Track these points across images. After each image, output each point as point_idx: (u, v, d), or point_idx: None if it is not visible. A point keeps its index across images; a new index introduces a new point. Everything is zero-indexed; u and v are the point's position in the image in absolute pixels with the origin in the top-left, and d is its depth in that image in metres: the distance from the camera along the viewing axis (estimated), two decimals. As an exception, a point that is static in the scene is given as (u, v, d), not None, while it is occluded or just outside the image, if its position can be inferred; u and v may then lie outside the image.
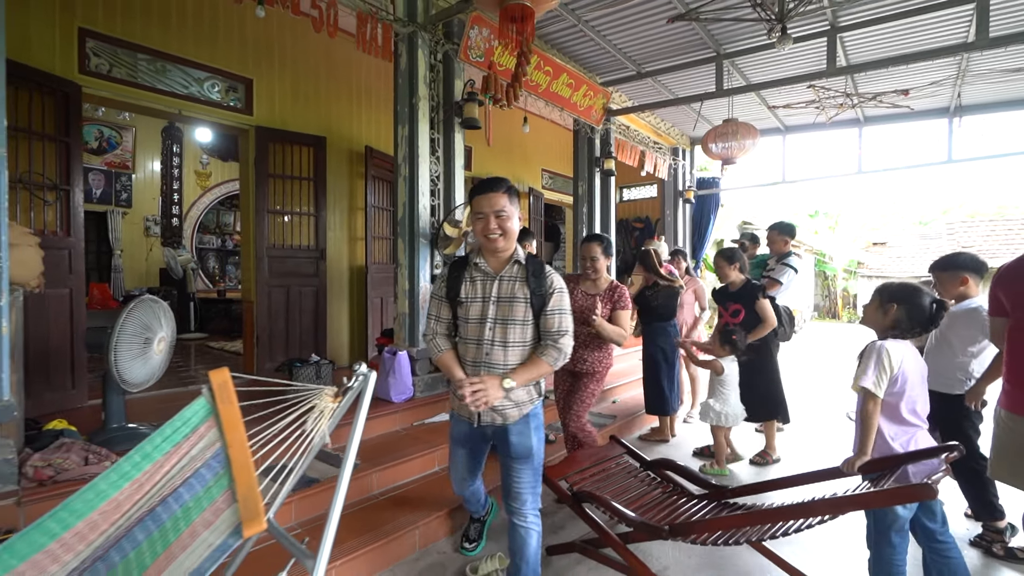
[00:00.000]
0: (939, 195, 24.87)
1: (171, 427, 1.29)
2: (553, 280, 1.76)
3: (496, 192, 1.72)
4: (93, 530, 1.15)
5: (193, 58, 3.91)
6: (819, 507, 1.48)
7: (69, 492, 1.99)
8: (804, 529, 1.57)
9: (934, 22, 4.08)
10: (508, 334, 1.74)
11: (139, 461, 1.24)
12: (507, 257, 1.78)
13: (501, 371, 1.73)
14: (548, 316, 1.74)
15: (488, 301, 1.76)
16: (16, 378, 2.20)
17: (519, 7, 2.30)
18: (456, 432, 1.94)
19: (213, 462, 1.26)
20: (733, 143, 5.16)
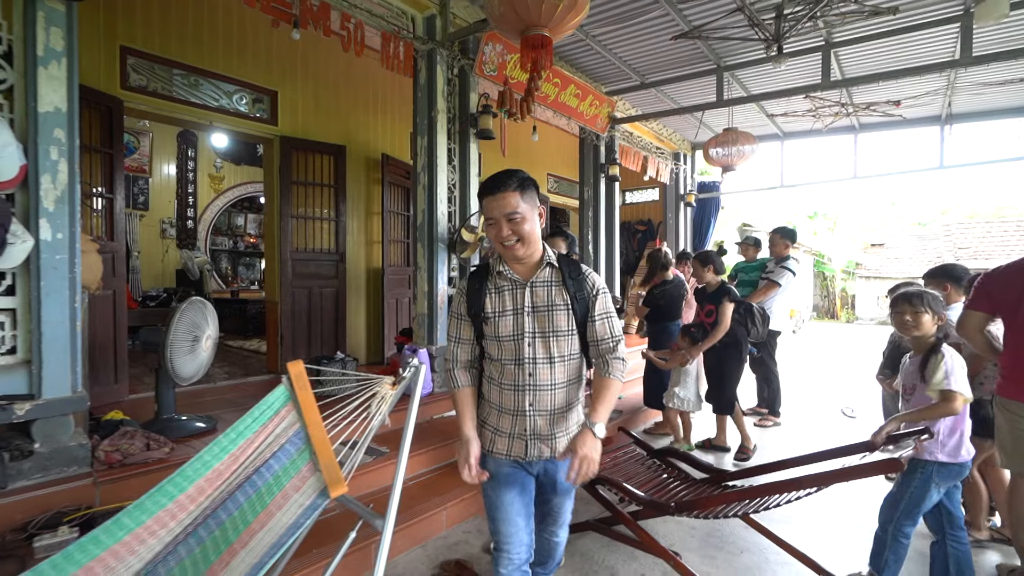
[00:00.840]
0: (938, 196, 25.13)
1: (258, 410, 1.53)
2: (595, 281, 1.52)
3: (505, 191, 1.41)
4: (201, 493, 1.40)
5: (223, 72, 4.15)
6: (807, 481, 1.71)
7: (137, 474, 2.25)
8: (794, 501, 1.81)
9: (922, 39, 4.32)
10: (553, 348, 1.48)
11: (234, 438, 1.48)
12: (536, 261, 1.51)
13: (550, 391, 1.49)
14: (597, 323, 1.49)
15: (522, 313, 1.48)
16: (83, 373, 2.44)
17: (539, 36, 2.53)
18: (498, 473, 1.54)
19: (295, 438, 1.49)
20: (733, 151, 5.39)
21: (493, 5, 2.52)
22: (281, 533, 1.33)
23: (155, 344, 2.71)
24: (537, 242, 1.49)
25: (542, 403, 1.50)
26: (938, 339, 2.01)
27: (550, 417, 1.51)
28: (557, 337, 1.49)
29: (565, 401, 1.53)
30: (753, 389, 5.02)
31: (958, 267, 2.90)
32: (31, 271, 2.18)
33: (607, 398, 1.47)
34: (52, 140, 2.20)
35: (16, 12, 2.18)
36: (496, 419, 1.56)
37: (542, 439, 1.51)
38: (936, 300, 2.04)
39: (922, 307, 2.00)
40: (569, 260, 1.54)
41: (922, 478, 1.94)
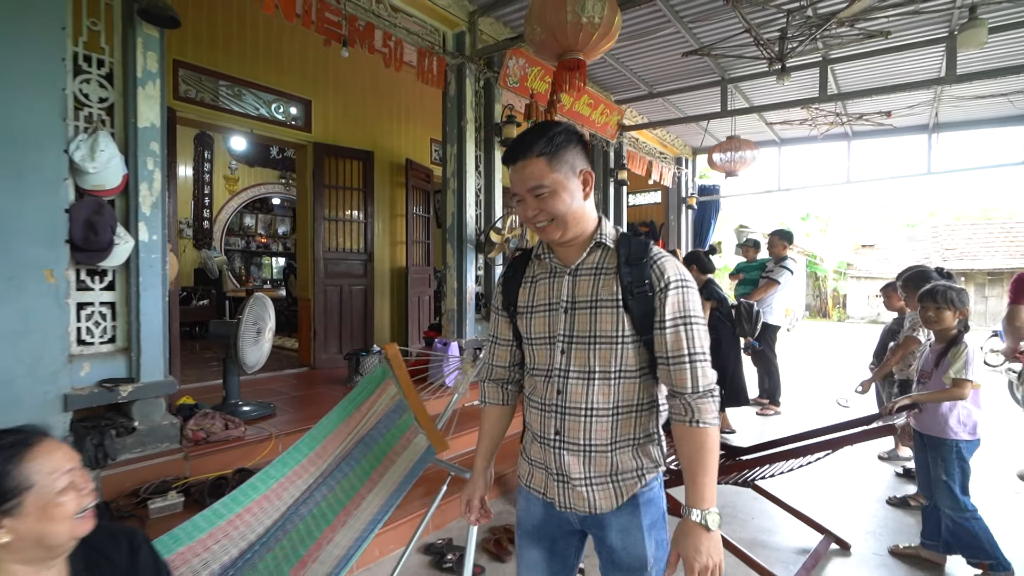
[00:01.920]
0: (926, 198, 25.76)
1: (362, 385, 1.84)
2: (664, 268, 1.04)
3: (527, 159, 1.05)
4: (325, 450, 1.71)
5: (263, 83, 4.42)
6: (818, 446, 2.03)
7: (219, 450, 2.53)
8: (805, 466, 2.13)
9: (911, 58, 4.69)
10: (593, 359, 1.06)
11: (347, 406, 1.79)
12: (584, 242, 1.11)
13: (584, 418, 1.07)
14: (667, 331, 1.03)
15: (556, 309, 1.10)
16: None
17: (574, 60, 2.84)
18: (526, 518, 1.20)
19: (397, 407, 1.79)
20: (736, 157, 5.74)
21: (535, 32, 2.82)
22: (400, 481, 1.62)
23: (224, 336, 2.99)
24: (582, 220, 1.08)
25: (572, 433, 1.07)
26: (959, 331, 2.25)
27: (584, 456, 1.07)
28: (598, 344, 1.05)
29: (610, 437, 1.06)
30: (755, 380, 5.36)
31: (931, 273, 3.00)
32: (130, 269, 2.46)
33: (704, 462, 0.99)
34: (149, 152, 2.48)
35: (116, 38, 2.46)
36: (530, 447, 1.18)
37: (572, 485, 1.08)
38: (959, 295, 2.27)
39: (944, 303, 2.25)
40: (633, 239, 1.10)
41: (957, 457, 2.22)
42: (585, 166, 1.09)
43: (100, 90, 2.40)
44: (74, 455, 0.96)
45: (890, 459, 3.76)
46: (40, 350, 2.14)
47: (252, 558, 1.46)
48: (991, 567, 2.16)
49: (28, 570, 0.90)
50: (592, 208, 1.13)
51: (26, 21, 2.08)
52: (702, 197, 8.56)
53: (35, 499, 0.87)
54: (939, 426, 2.25)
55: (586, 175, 1.09)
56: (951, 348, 2.24)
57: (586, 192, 1.09)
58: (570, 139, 1.07)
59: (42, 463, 0.89)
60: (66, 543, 0.92)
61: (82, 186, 2.30)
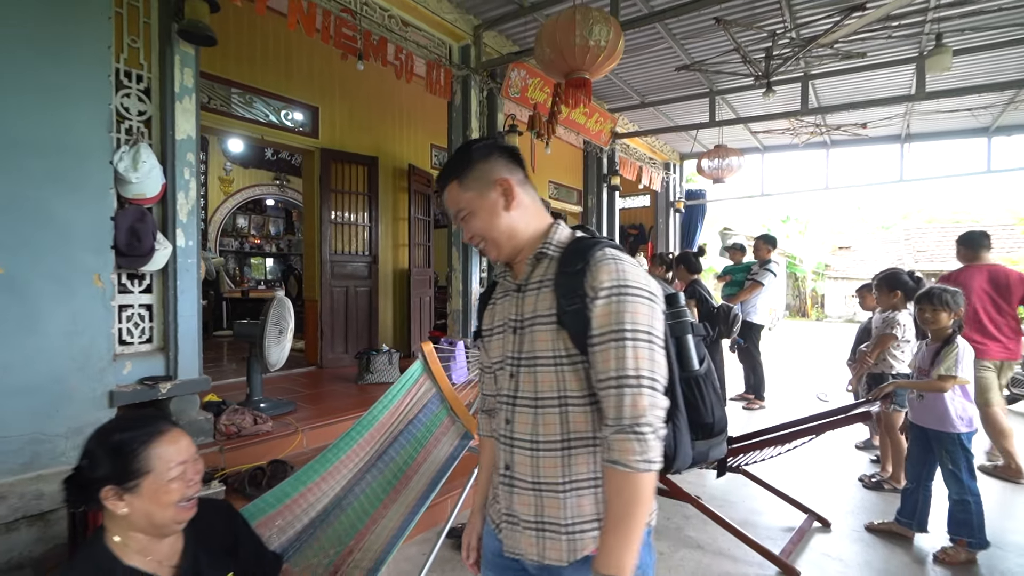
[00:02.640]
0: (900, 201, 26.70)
1: (402, 380, 2.04)
2: (599, 272, 0.87)
3: (446, 185, 1.00)
4: (372, 437, 1.90)
5: (273, 90, 4.55)
6: (805, 431, 2.29)
7: (251, 443, 2.69)
8: (792, 450, 2.38)
9: (885, 76, 5.04)
10: (537, 384, 0.93)
11: (390, 399, 1.99)
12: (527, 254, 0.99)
13: (531, 452, 0.93)
14: (594, 347, 0.86)
15: (507, 330, 0.99)
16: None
17: (581, 79, 3.06)
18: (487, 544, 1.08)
19: (434, 399, 2.00)
20: (723, 164, 6.04)
21: (544, 52, 3.04)
22: (441, 464, 1.82)
23: (250, 336, 3.15)
24: (516, 233, 0.98)
25: (521, 468, 0.94)
26: (953, 331, 2.45)
27: (534, 496, 0.92)
28: (539, 366, 0.93)
29: (562, 475, 0.90)
30: (741, 377, 5.66)
31: (903, 276, 3.29)
32: (168, 272, 2.61)
33: (616, 513, 0.82)
34: (185, 163, 2.63)
35: (154, 55, 2.60)
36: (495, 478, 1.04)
37: (516, 526, 0.95)
38: (953, 297, 2.46)
39: (940, 305, 2.46)
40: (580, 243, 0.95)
41: (960, 447, 2.44)
42: (503, 174, 0.97)
43: (139, 104, 2.55)
44: (191, 448, 1.10)
45: (866, 448, 4.07)
46: (89, 349, 2.29)
47: (316, 532, 1.65)
48: (970, 544, 2.41)
49: (147, 537, 1.05)
50: (533, 217, 1.00)
51: (81, 42, 2.22)
52: (689, 201, 8.89)
53: (151, 482, 1.01)
54: (942, 421, 2.46)
55: (505, 183, 0.96)
56: (945, 347, 2.44)
57: (509, 203, 0.96)
58: (483, 153, 0.98)
59: (163, 451, 1.04)
60: (171, 524, 1.05)
61: (124, 195, 2.44)
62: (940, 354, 2.46)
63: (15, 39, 2.07)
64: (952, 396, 2.45)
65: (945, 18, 3.85)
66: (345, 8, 3.44)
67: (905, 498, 2.69)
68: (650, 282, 0.90)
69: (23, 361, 2.12)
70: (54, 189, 2.17)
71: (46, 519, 2.13)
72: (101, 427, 1.07)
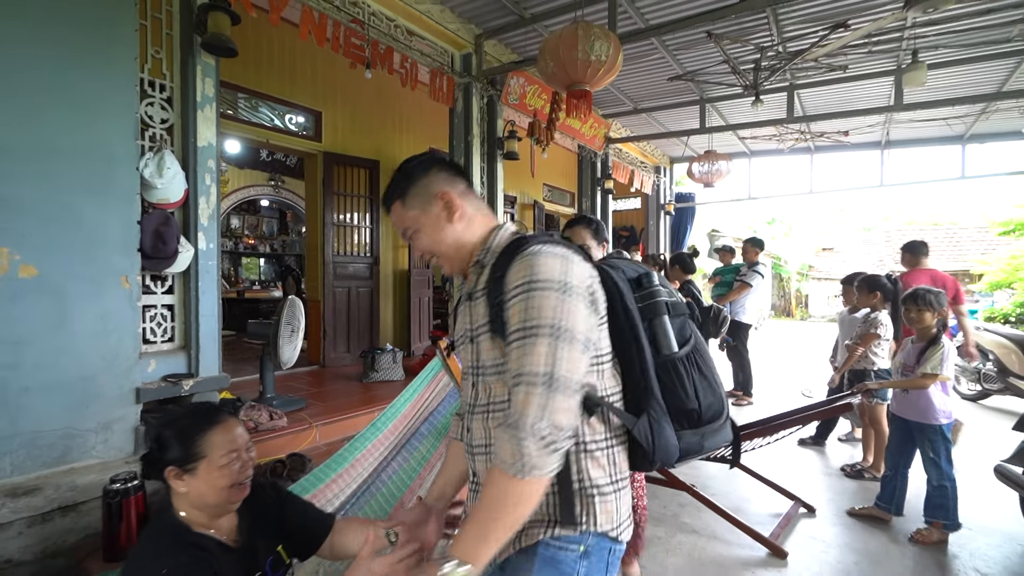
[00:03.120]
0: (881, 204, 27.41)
1: (421, 376, 2.19)
2: (510, 271, 0.87)
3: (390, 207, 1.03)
4: (396, 428, 2.05)
5: (277, 95, 4.65)
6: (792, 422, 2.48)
7: (267, 437, 2.83)
8: (781, 439, 2.57)
9: (866, 87, 5.30)
10: (490, 392, 0.95)
11: (411, 394, 2.14)
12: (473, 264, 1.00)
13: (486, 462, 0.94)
14: (509, 347, 0.85)
15: (464, 340, 1.02)
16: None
17: (582, 91, 3.23)
18: None
19: (452, 393, 2.15)
20: (713, 169, 6.26)
21: (548, 65, 3.20)
22: (462, 451, 1.97)
23: (262, 335, 3.26)
24: (462, 246, 0.98)
25: (482, 475, 0.96)
26: (938, 331, 2.62)
27: None
28: (485, 375, 0.95)
29: None
30: (729, 374, 5.88)
31: (881, 279, 3.52)
32: (190, 274, 2.72)
33: (485, 505, 0.82)
34: (207, 168, 2.74)
35: (176, 65, 2.71)
36: None
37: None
38: (936, 298, 2.63)
39: (925, 306, 2.63)
40: (507, 249, 0.92)
41: (942, 436, 2.64)
42: (443, 187, 0.97)
43: (162, 112, 2.65)
44: (243, 437, 1.20)
45: (848, 441, 4.30)
46: (117, 348, 2.39)
47: (347, 515, 1.79)
48: (945, 526, 2.62)
49: (206, 514, 1.16)
50: (479, 225, 0.99)
51: (111, 55, 2.33)
52: (679, 204, 9.13)
53: (206, 466, 1.12)
54: (926, 414, 2.65)
55: (446, 196, 0.96)
56: (931, 346, 2.61)
57: (451, 215, 0.96)
58: (421, 169, 0.99)
59: (217, 440, 1.14)
60: (224, 505, 1.15)
61: (149, 200, 2.55)
62: (926, 353, 2.63)
63: (53, 55, 2.17)
64: (935, 391, 2.64)
65: (921, 35, 4.09)
66: (354, 19, 3.56)
67: (885, 484, 2.89)
68: (568, 272, 0.83)
69: (56, 359, 2.22)
70: (85, 195, 2.28)
71: (78, 510, 2.23)
72: (169, 413, 1.21)
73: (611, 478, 0.92)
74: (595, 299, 0.89)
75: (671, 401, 0.93)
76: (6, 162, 2.07)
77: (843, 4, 3.79)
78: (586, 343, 0.85)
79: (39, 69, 2.14)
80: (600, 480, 0.91)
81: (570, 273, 0.85)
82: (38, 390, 2.17)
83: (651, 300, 0.98)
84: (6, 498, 2.03)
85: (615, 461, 0.93)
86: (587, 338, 0.85)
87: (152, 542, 1.15)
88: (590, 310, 0.87)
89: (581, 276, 0.87)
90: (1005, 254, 9.64)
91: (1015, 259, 9.12)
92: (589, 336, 0.86)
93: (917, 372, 2.66)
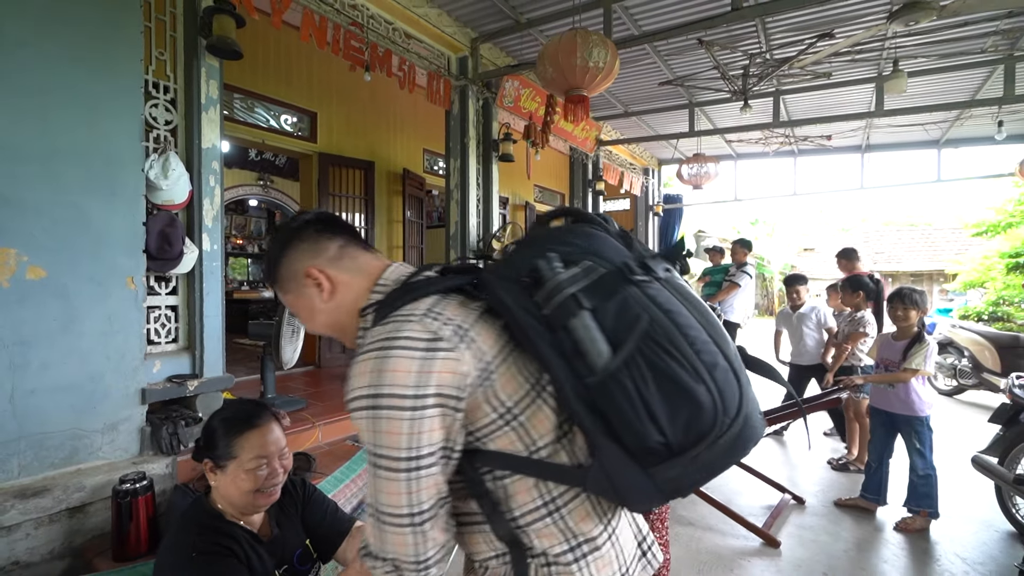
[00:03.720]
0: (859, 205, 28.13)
1: None
2: (351, 372, 0.70)
3: (279, 297, 0.88)
4: None
5: (273, 96, 4.64)
6: (786, 416, 2.58)
7: (273, 437, 2.77)
8: (772, 434, 2.68)
9: (848, 93, 5.48)
10: None
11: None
12: None
13: None
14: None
15: None
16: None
17: (579, 96, 3.31)
18: None
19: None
20: (701, 171, 6.41)
21: (547, 71, 3.27)
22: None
23: (264, 335, 3.27)
24: (345, 320, 0.83)
25: None
26: (920, 329, 2.75)
27: None
28: None
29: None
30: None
31: (864, 279, 3.69)
32: (195, 275, 2.72)
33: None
34: (211, 170, 2.75)
35: (180, 67, 2.72)
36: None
37: None
38: (921, 297, 2.78)
39: (911, 304, 2.77)
40: (376, 319, 0.76)
41: (926, 427, 2.77)
42: (307, 263, 0.81)
43: (166, 114, 2.66)
44: (278, 444, 1.20)
45: (832, 436, 4.45)
46: (123, 349, 2.40)
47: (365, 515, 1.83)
48: (930, 514, 2.76)
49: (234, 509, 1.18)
50: (362, 289, 0.81)
51: (117, 56, 2.33)
52: (667, 205, 9.28)
53: (235, 467, 1.14)
54: (911, 407, 2.78)
55: (311, 276, 0.80)
56: (917, 343, 2.74)
57: (324, 293, 0.80)
58: (281, 247, 0.83)
59: (250, 443, 1.15)
60: (248, 507, 1.17)
61: (154, 201, 2.55)
62: (912, 349, 2.76)
63: (60, 56, 2.17)
64: (919, 385, 2.78)
65: (901, 45, 4.26)
66: (354, 22, 3.59)
67: (870, 476, 3.02)
68: (409, 376, 0.65)
69: (63, 360, 2.22)
70: (92, 196, 2.28)
71: (85, 511, 2.24)
72: (219, 408, 1.25)
73: (569, 544, 0.73)
74: (466, 384, 0.69)
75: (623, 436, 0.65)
76: (13, 163, 2.07)
77: (829, 15, 3.94)
78: (450, 450, 0.70)
79: (44, 69, 2.14)
80: (555, 549, 0.73)
81: (411, 378, 0.65)
82: (45, 391, 2.17)
83: (555, 298, 0.68)
84: (15, 499, 2.03)
85: (568, 525, 0.73)
86: (451, 442, 0.70)
87: (185, 528, 1.18)
88: (452, 415, 0.69)
89: (443, 373, 0.67)
90: (978, 254, 9.99)
91: (987, 259, 9.47)
92: (454, 438, 0.70)
93: (901, 367, 2.79)
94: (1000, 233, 9.56)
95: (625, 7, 4.01)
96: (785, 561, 2.52)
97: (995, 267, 9.18)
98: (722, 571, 2.43)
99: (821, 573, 2.42)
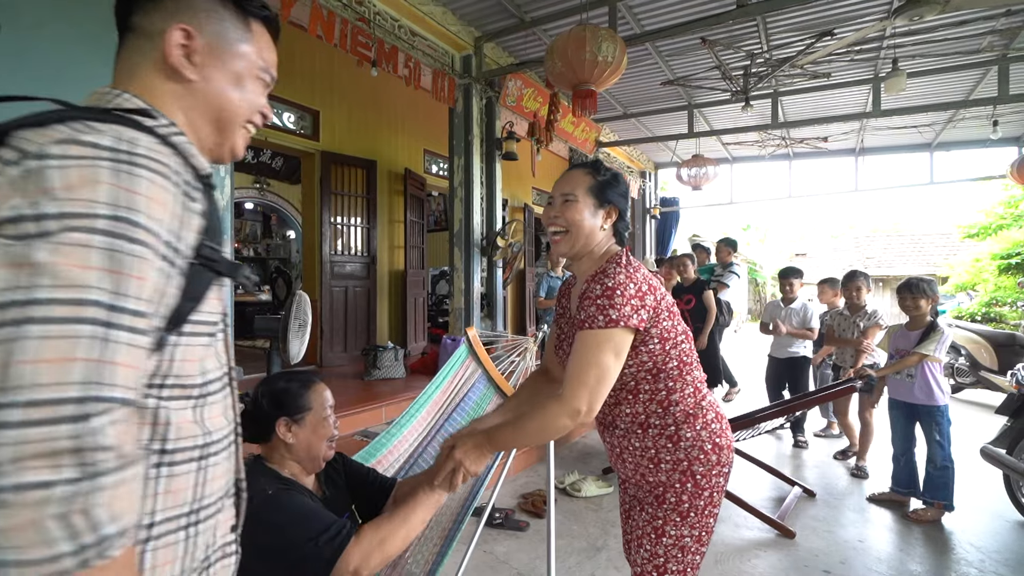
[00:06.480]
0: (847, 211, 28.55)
1: (450, 363, 2.22)
2: None
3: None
4: (429, 413, 2.07)
5: (275, 93, 4.61)
6: (796, 407, 2.59)
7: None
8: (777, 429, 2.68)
9: (845, 94, 5.57)
10: None
11: (440, 381, 2.17)
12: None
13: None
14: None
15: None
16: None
17: (588, 91, 3.32)
18: None
19: (480, 380, 2.18)
20: (700, 173, 6.46)
21: (555, 65, 3.28)
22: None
23: (271, 330, 3.22)
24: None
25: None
26: (934, 318, 2.77)
27: None
28: None
29: None
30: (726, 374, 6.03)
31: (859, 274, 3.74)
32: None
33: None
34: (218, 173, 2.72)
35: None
36: None
37: None
38: (930, 286, 2.79)
39: (920, 293, 2.78)
40: None
41: (946, 417, 2.78)
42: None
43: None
44: (332, 399, 1.31)
45: (824, 436, 4.41)
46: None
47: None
48: (945, 505, 2.77)
49: (299, 468, 1.24)
50: None
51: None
52: (664, 208, 9.34)
53: (312, 417, 1.23)
54: (932, 396, 2.79)
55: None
56: (931, 332, 2.75)
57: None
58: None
59: (318, 396, 1.26)
60: (320, 458, 1.26)
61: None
62: (929, 336, 2.76)
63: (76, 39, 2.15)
64: (936, 375, 2.78)
65: (900, 45, 4.34)
66: (361, 18, 3.59)
67: (898, 470, 2.97)
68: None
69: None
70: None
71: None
72: (269, 378, 1.28)
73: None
74: None
75: None
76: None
77: (830, 13, 4.01)
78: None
79: (60, 52, 2.11)
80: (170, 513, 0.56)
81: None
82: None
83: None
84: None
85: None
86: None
87: (253, 481, 1.20)
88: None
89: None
90: (968, 257, 10.15)
91: (978, 261, 9.63)
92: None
93: (911, 352, 2.81)
94: (991, 235, 9.73)
95: (628, 6, 4.05)
96: (802, 551, 2.51)
97: (987, 269, 9.33)
98: (740, 562, 2.42)
99: (838, 562, 2.41)
